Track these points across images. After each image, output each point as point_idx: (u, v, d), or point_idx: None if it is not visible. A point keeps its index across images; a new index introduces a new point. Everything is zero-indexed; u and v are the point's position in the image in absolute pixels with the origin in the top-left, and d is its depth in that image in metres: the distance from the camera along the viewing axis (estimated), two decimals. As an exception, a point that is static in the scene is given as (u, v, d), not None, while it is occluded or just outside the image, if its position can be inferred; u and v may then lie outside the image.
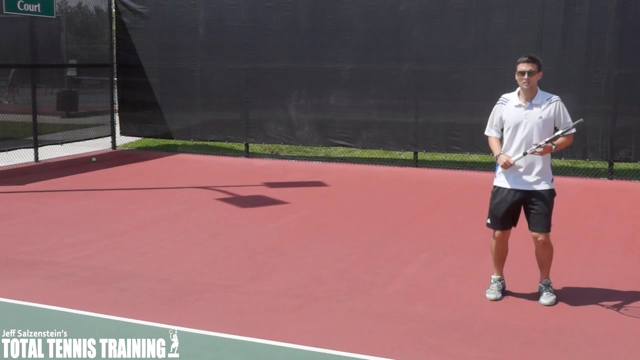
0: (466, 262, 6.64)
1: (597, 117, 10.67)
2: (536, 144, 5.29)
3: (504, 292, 5.67)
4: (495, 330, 4.99)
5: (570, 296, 5.58)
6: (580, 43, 10.82)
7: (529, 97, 5.42)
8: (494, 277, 5.70)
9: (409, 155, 12.42)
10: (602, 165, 11.29)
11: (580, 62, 10.85)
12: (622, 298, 5.58)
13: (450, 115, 11.67)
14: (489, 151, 11.47)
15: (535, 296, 5.61)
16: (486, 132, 5.66)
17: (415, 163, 12.08)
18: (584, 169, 11.34)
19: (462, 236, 7.60)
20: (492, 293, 5.61)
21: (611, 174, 10.93)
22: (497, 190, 5.54)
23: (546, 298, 5.47)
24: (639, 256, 6.84)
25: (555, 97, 5.46)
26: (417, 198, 9.77)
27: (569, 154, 10.93)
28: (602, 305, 5.43)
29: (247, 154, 13.32)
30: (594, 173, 11.11)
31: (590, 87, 10.78)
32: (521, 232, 5.72)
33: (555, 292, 5.55)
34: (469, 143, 11.60)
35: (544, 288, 5.54)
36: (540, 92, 5.45)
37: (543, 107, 5.39)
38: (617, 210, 8.94)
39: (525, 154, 5.33)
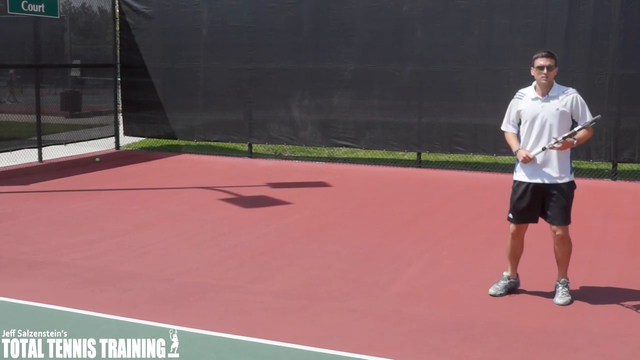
0: (469, 262, 6.63)
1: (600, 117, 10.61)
2: (555, 139, 5.29)
3: (517, 291, 5.66)
4: (498, 330, 4.97)
5: (574, 297, 5.55)
6: (584, 43, 10.80)
7: (546, 91, 5.43)
8: (505, 273, 5.71)
9: (412, 155, 12.40)
10: (606, 166, 11.26)
11: (584, 62, 10.83)
12: (626, 299, 5.56)
13: (453, 115, 11.66)
14: (492, 152, 11.60)
15: (539, 296, 5.60)
16: (502, 128, 5.67)
17: (419, 164, 12.07)
18: (587, 169, 11.32)
19: (465, 237, 7.59)
20: (493, 289, 5.63)
21: (615, 174, 10.91)
22: (518, 184, 5.54)
23: (561, 298, 5.43)
24: (642, 257, 6.82)
25: (572, 90, 5.49)
26: (419, 198, 9.76)
27: (573, 155, 10.83)
28: (606, 306, 5.42)
29: (250, 154, 13.32)
30: (598, 174, 11.08)
31: (594, 87, 10.75)
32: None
33: (571, 292, 5.51)
34: (472, 144, 11.59)
35: (560, 287, 5.50)
36: (556, 85, 5.48)
37: (560, 99, 5.41)
38: (620, 211, 8.92)
39: (544, 149, 5.34)
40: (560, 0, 10.85)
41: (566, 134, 5.33)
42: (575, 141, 5.35)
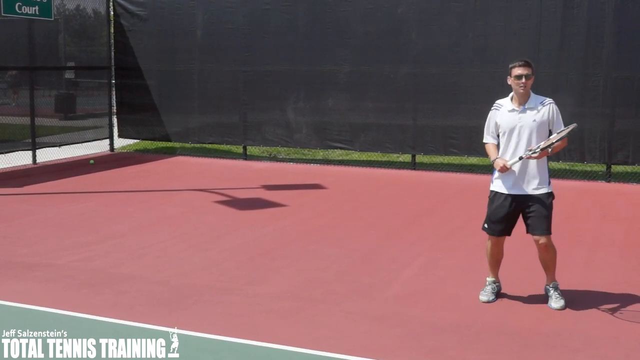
0: (464, 264, 6.64)
1: (594, 119, 10.69)
2: (531, 149, 5.30)
3: (499, 295, 5.66)
4: (494, 332, 4.99)
5: (569, 299, 5.56)
6: (578, 46, 10.84)
7: (523, 101, 5.42)
8: (489, 279, 5.70)
9: (407, 157, 12.42)
10: (600, 167, 11.30)
11: (578, 64, 10.87)
12: (620, 300, 5.58)
13: (448, 118, 11.67)
14: (486, 154, 11.57)
15: (534, 298, 5.62)
16: (484, 140, 5.67)
17: (413, 166, 12.09)
18: (581, 171, 11.35)
19: (460, 239, 7.60)
20: (485, 295, 5.60)
21: (609, 176, 10.94)
22: (495, 195, 5.53)
23: (556, 302, 5.42)
24: (636, 259, 6.85)
25: (548, 100, 5.46)
26: (415, 201, 9.77)
27: (567, 157, 10.94)
28: (601, 308, 5.44)
29: (245, 156, 13.32)
30: (592, 176, 11.12)
31: (588, 89, 10.80)
32: (520, 234, 5.72)
33: (563, 294, 5.51)
34: (466, 146, 11.61)
35: (552, 291, 5.48)
36: (533, 96, 5.46)
37: (536, 110, 5.40)
38: (615, 213, 8.95)
39: (521, 158, 5.33)
40: (554, 2, 10.89)
41: (542, 144, 5.30)
42: (551, 149, 5.31)
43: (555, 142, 5.30)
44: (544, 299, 5.57)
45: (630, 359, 4.61)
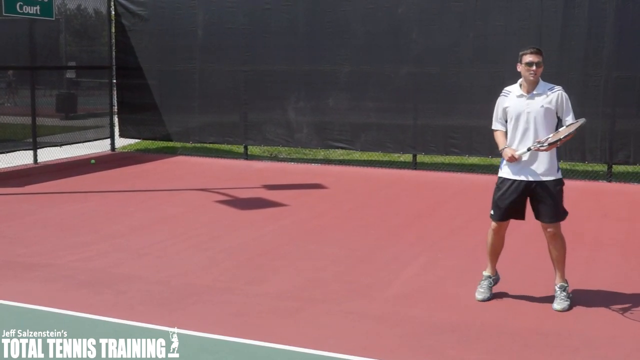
0: (464, 264, 6.64)
1: (595, 119, 10.66)
2: (539, 142, 5.29)
3: (498, 290, 5.63)
4: (494, 332, 4.98)
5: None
6: (579, 46, 10.83)
7: (531, 88, 5.42)
8: (485, 273, 5.68)
9: (407, 157, 12.42)
10: (601, 167, 11.29)
11: (579, 64, 10.86)
12: (620, 301, 5.57)
13: (448, 117, 11.66)
14: (487, 154, 11.63)
15: (535, 298, 5.61)
16: (492, 127, 5.67)
17: (414, 165, 12.09)
18: (582, 171, 11.34)
19: (461, 239, 7.60)
20: (481, 293, 5.60)
21: (610, 176, 10.93)
22: (502, 181, 5.51)
23: (559, 304, 5.40)
24: (637, 259, 6.84)
25: (557, 87, 5.47)
26: (415, 200, 9.77)
27: (568, 157, 10.93)
28: (601, 308, 5.43)
29: (246, 156, 13.32)
30: (593, 176, 11.11)
31: (589, 89, 10.78)
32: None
33: (569, 296, 5.48)
34: (467, 145, 11.61)
35: (559, 292, 5.45)
36: (542, 82, 5.46)
37: (544, 96, 5.40)
38: (615, 213, 8.94)
39: (529, 149, 5.32)
40: (555, 2, 10.88)
41: (551, 138, 5.29)
42: (559, 142, 5.31)
43: (564, 137, 5.30)
44: (544, 299, 5.57)
45: (630, 359, 4.60)
